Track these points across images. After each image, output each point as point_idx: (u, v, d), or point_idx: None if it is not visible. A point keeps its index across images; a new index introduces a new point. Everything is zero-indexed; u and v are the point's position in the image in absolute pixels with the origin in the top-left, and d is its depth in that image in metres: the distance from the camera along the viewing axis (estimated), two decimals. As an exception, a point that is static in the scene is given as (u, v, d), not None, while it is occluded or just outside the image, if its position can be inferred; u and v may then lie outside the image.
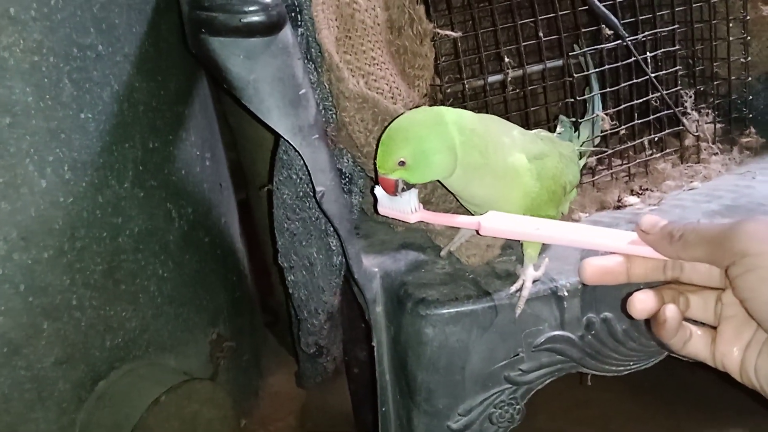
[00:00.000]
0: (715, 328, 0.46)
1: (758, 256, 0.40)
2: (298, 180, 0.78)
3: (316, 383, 1.12)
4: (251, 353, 1.17)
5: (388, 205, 0.67)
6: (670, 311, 0.44)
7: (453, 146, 0.64)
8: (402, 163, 0.63)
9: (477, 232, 0.61)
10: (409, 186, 0.65)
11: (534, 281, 0.68)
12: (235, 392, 1.09)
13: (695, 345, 0.46)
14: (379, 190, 0.66)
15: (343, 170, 0.78)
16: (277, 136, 0.72)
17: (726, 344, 0.45)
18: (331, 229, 0.76)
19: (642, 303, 0.46)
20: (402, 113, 0.73)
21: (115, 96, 0.84)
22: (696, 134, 0.91)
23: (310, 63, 0.72)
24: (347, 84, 0.69)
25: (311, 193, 0.73)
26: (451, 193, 0.73)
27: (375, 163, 0.65)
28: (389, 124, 0.66)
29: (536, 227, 0.57)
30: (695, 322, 0.47)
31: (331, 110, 0.73)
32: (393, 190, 0.65)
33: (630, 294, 0.46)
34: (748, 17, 0.90)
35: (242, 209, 1.27)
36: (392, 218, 0.68)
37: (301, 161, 0.70)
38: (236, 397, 1.08)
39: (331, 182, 0.69)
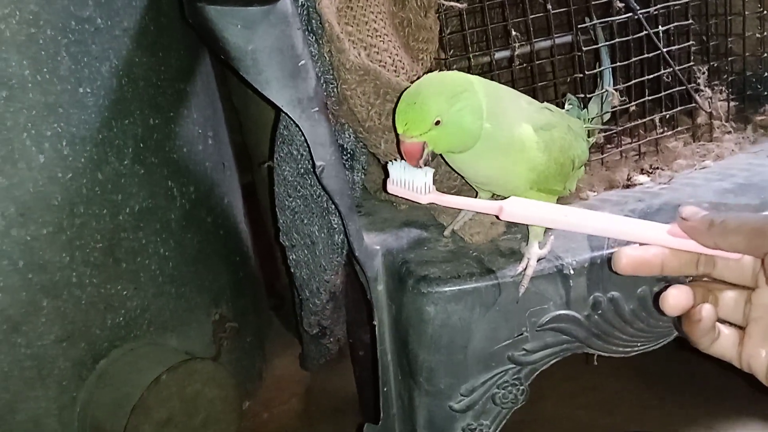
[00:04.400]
0: (742, 328, 0.45)
1: None
2: (299, 156, 0.76)
3: (319, 365, 1.11)
4: (255, 335, 1.16)
5: (400, 182, 0.62)
6: (707, 311, 0.43)
7: (481, 109, 0.61)
8: (437, 123, 0.59)
9: (497, 217, 0.57)
10: (433, 158, 0.62)
11: (539, 259, 0.66)
12: (238, 374, 1.08)
13: (722, 345, 0.45)
14: (393, 166, 0.63)
15: (345, 146, 0.76)
16: (278, 111, 0.70)
17: (753, 346, 0.44)
18: (333, 206, 0.74)
19: (675, 299, 0.44)
20: (404, 87, 0.71)
21: (114, 71, 0.83)
22: (709, 111, 0.88)
23: (311, 35, 0.70)
24: (348, 55, 0.68)
25: (312, 170, 0.71)
26: (453, 170, 0.71)
27: (395, 128, 0.61)
28: (399, 95, 0.63)
29: (564, 214, 0.53)
30: (722, 321, 0.46)
31: (332, 83, 0.71)
32: (419, 156, 0.60)
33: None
34: (765, -9, 0.88)
35: (248, 192, 1.26)
36: (401, 198, 0.64)
37: (302, 137, 0.68)
38: (239, 379, 1.07)
39: (332, 157, 0.67)
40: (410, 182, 0.62)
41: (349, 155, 0.77)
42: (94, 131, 0.81)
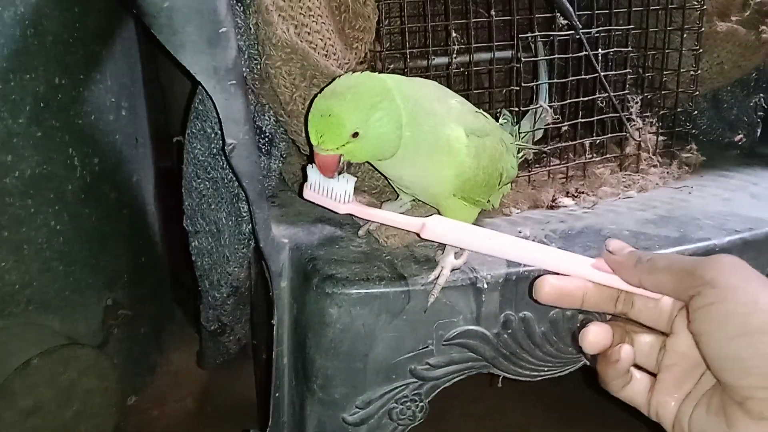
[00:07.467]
0: (653, 375, 0.44)
1: (727, 289, 0.37)
2: (213, 135, 0.71)
3: (217, 364, 1.04)
4: (151, 326, 1.08)
5: (318, 188, 0.60)
6: (626, 352, 0.42)
7: (400, 117, 0.58)
8: (355, 135, 0.56)
9: (418, 234, 0.55)
10: (349, 166, 0.59)
11: (453, 270, 0.63)
12: (127, 365, 1.00)
13: (633, 390, 0.44)
14: (312, 170, 0.59)
15: (264, 129, 0.71)
16: (194, 84, 0.64)
17: (664, 393, 0.43)
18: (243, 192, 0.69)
19: (596, 336, 0.43)
20: (334, 72, 0.67)
21: (18, 19, 0.75)
22: (638, 142, 0.88)
23: (239, 4, 0.65)
24: (275, 29, 0.63)
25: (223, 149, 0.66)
26: (376, 169, 0.67)
27: (309, 138, 0.57)
28: (322, 87, 0.59)
29: (488, 237, 0.52)
30: (635, 366, 0.45)
31: (255, 59, 0.66)
32: (334, 168, 0.58)
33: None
34: (703, 29, 0.88)
35: (165, 175, 1.18)
36: (318, 205, 0.61)
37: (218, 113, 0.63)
38: (127, 371, 0.99)
39: (245, 136, 0.61)
40: (329, 189, 0.60)
41: (267, 139, 0.72)
42: (-13, 81, 0.73)
